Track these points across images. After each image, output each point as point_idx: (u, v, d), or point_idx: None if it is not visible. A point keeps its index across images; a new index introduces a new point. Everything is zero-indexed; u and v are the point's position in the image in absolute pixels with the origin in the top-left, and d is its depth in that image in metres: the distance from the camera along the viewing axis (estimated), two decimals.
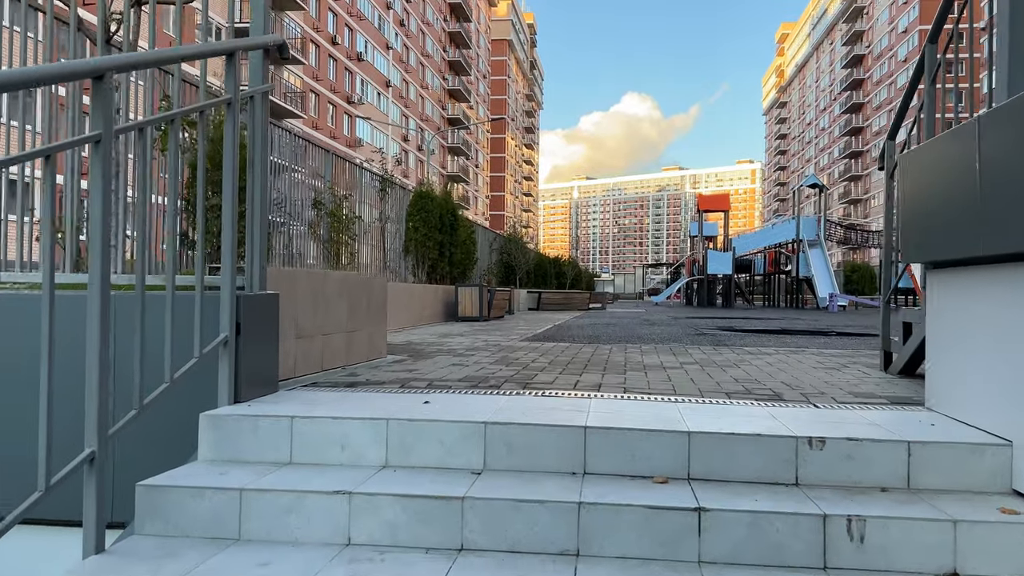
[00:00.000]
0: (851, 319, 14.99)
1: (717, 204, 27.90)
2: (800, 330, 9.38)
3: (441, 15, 74.17)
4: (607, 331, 8.66)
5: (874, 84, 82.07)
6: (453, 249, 13.30)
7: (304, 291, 3.91)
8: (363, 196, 12.53)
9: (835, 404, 3.16)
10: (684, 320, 12.61)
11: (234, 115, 2.96)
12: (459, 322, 11.14)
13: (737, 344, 6.53)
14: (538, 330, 8.80)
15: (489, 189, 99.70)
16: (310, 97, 45.42)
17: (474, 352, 5.47)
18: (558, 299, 19.50)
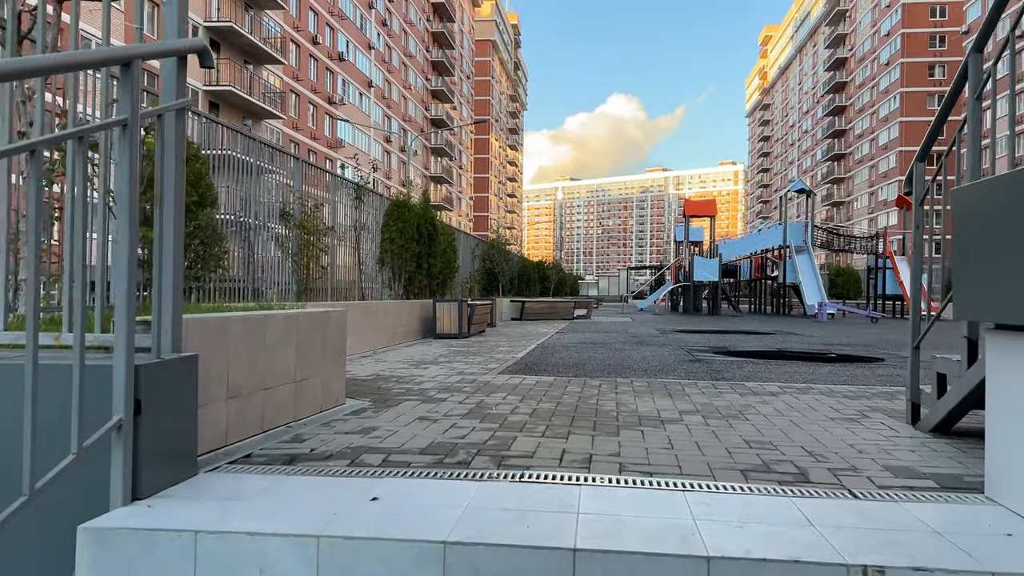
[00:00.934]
0: (844, 332, 14.54)
1: (703, 209, 27.45)
2: (798, 353, 8.86)
3: (424, 15, 73.42)
4: (593, 355, 8.08)
5: (857, 87, 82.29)
6: (432, 260, 12.68)
7: (239, 342, 3.29)
8: (336, 205, 11.89)
9: (875, 491, 2.60)
10: (672, 336, 12.07)
11: (131, 141, 2.35)
12: (437, 340, 10.53)
13: (736, 377, 5.98)
14: (519, 353, 8.21)
15: (473, 190, 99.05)
16: (290, 97, 44.60)
17: (446, 394, 4.87)
18: (542, 308, 18.93)
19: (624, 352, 8.41)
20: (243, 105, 37.43)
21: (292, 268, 10.38)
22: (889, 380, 5.96)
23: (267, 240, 9.65)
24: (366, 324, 8.44)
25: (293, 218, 10.10)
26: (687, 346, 9.54)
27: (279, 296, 8.67)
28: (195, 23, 34.05)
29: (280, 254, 10.20)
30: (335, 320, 4.34)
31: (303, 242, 10.26)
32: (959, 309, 2.76)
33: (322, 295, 11.50)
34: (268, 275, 9.27)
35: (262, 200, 8.93)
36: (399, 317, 9.84)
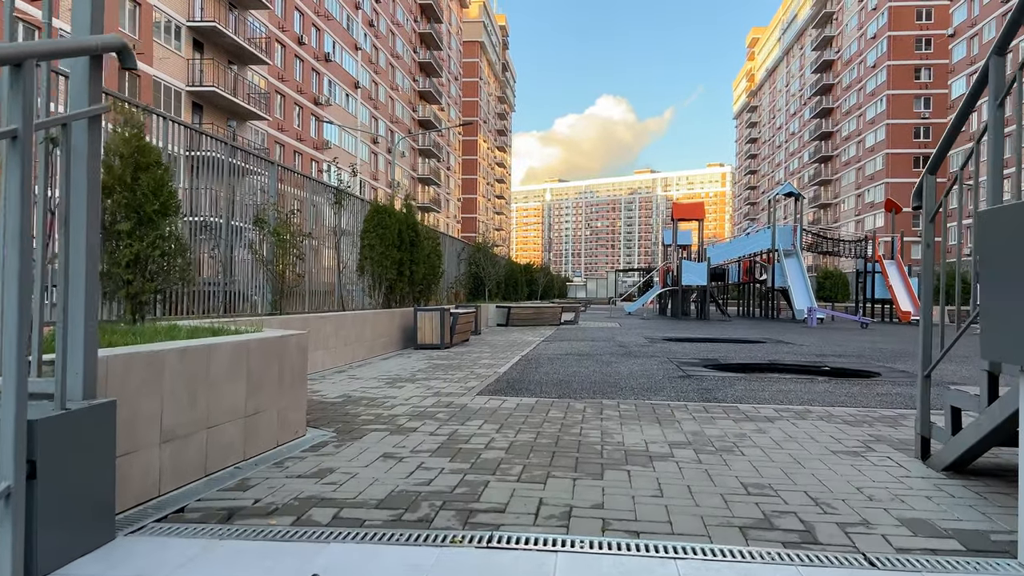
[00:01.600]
0: (835, 339, 14.27)
1: (691, 213, 27.18)
2: (791, 366, 8.55)
3: (411, 16, 72.98)
4: (579, 369, 7.74)
5: (844, 89, 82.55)
6: (414, 267, 12.31)
7: (176, 377, 2.92)
8: (315, 209, 11.50)
9: (894, 555, 2.27)
10: (660, 345, 11.75)
11: (22, 155, 1.97)
12: (418, 351, 10.16)
13: (729, 398, 5.65)
14: (502, 367, 7.86)
15: (461, 192, 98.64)
16: (275, 98, 44.06)
17: (418, 422, 4.51)
18: (528, 314, 18.58)
19: (611, 366, 8.08)
20: (227, 106, 36.89)
21: (267, 276, 10.00)
22: (889, 401, 5.65)
23: (241, 247, 9.26)
24: (341, 337, 8.06)
25: (267, 224, 9.72)
26: (676, 358, 9.22)
27: (250, 308, 8.27)
28: (177, 23, 33.54)
29: (254, 261, 9.80)
30: (294, 345, 3.97)
31: (278, 249, 9.88)
32: (987, 348, 2.43)
33: (299, 304, 11.11)
34: (242, 283, 8.88)
35: (235, 204, 8.55)
36: (378, 328, 9.47)
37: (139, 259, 6.26)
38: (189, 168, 8.77)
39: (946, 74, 64.58)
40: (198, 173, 7.28)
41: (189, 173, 8.96)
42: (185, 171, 7.74)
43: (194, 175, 7.29)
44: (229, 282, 8.85)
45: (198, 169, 7.29)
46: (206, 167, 7.36)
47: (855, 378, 7.71)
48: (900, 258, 25.84)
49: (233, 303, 8.72)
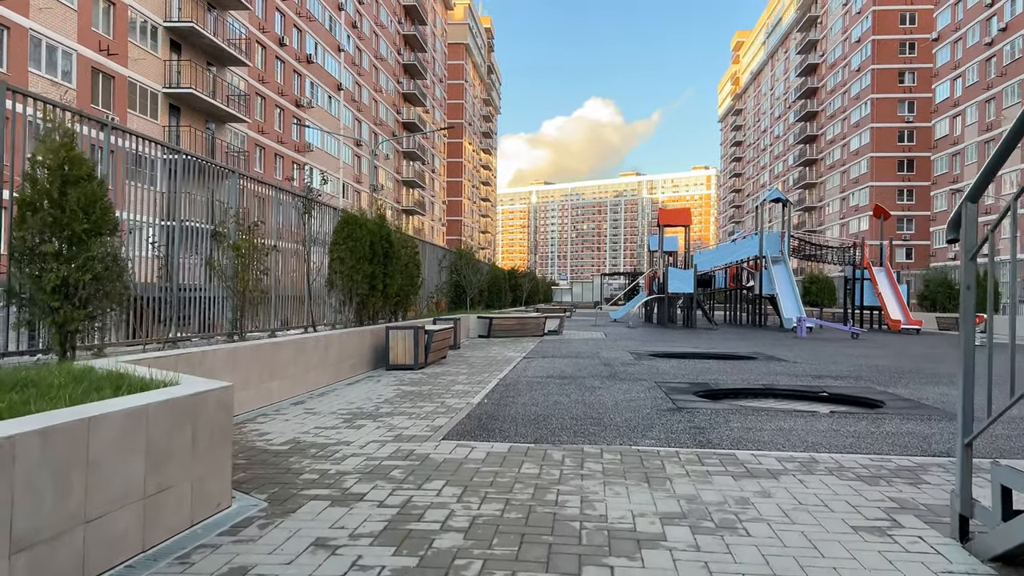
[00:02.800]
0: (827, 354, 13.77)
1: (678, 219, 26.68)
2: (787, 391, 8.00)
3: (395, 17, 72.26)
4: (560, 399, 7.14)
5: (828, 93, 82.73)
6: (388, 280, 11.68)
7: (34, 468, 2.29)
8: (282, 220, 10.84)
9: None
10: (647, 363, 11.17)
11: None
12: (390, 372, 9.52)
13: (725, 441, 5.07)
14: (476, 395, 7.24)
15: (446, 194, 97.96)
16: (255, 100, 43.24)
17: (367, 486, 3.89)
18: (510, 324, 17.97)
19: (595, 393, 7.48)
20: (206, 108, 36.09)
21: (226, 293, 9.34)
22: (901, 443, 5.09)
23: (194, 259, 8.60)
24: (302, 363, 7.42)
25: (226, 238, 9.07)
26: (664, 381, 8.64)
27: (207, 327, 7.59)
28: (154, 23, 32.72)
29: (212, 278, 9.15)
30: (214, 402, 3.33)
31: (238, 264, 9.23)
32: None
33: (264, 322, 10.44)
34: (197, 302, 8.22)
35: (190, 216, 7.88)
36: (345, 349, 8.82)
37: (67, 284, 5.60)
38: (168, 173, 8.12)
39: (930, 78, 64.67)
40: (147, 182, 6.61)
41: (168, 178, 8.33)
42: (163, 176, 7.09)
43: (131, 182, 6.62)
44: (178, 301, 8.19)
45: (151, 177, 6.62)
46: (165, 177, 6.71)
47: (857, 407, 7.16)
48: (889, 264, 25.46)
49: (199, 322, 8.05)
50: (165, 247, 7.59)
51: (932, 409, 6.58)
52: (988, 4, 52.78)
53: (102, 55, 29.16)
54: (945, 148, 59.62)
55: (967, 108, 55.94)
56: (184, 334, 8.20)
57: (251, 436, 5.12)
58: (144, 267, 7.18)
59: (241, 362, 6.14)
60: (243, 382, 6.15)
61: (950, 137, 58.84)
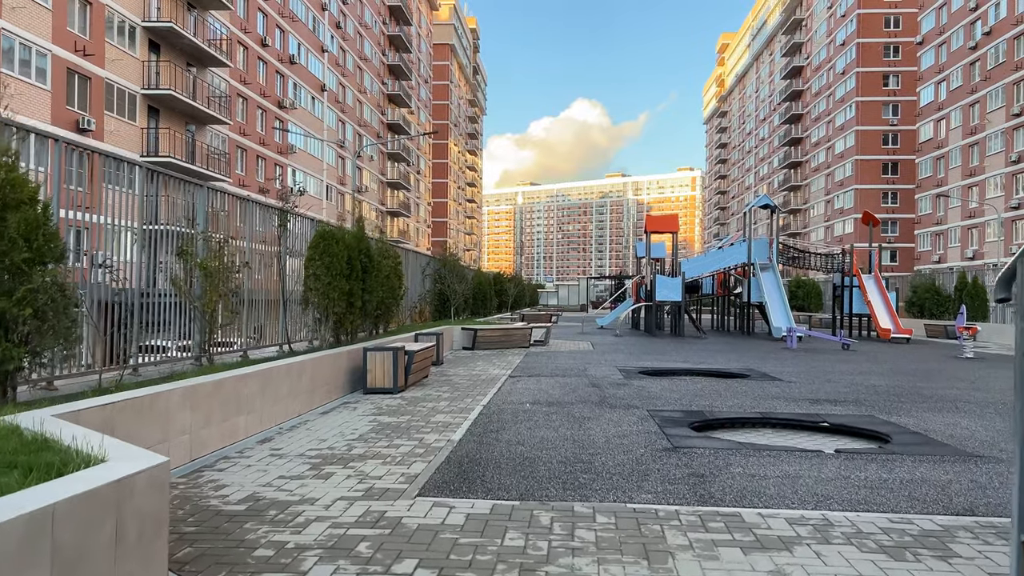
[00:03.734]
0: (821, 369, 13.41)
1: (665, 225, 26.30)
2: (786, 421, 7.58)
3: (380, 17, 71.61)
4: (548, 434, 6.68)
5: (813, 95, 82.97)
6: (367, 296, 11.19)
7: None
8: (257, 231, 10.33)
9: None
10: (637, 385, 10.74)
11: None
12: (367, 397, 9.03)
13: (728, 494, 4.63)
14: (457, 430, 6.77)
15: (431, 195, 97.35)
16: (237, 101, 42.52)
17: (328, 568, 3.41)
18: (496, 336, 17.50)
19: (584, 426, 7.04)
20: (186, 110, 35.37)
21: (194, 315, 8.83)
22: (920, 497, 4.67)
23: (162, 283, 8.10)
24: (270, 394, 6.92)
25: (191, 257, 8.56)
26: (656, 408, 8.20)
27: (173, 350, 7.05)
28: (131, 23, 31.99)
29: (178, 299, 8.64)
30: (145, 485, 2.84)
31: (206, 284, 8.72)
32: None
33: (235, 340, 9.92)
34: (163, 325, 7.71)
35: (160, 234, 7.36)
36: (320, 374, 8.32)
37: (3, 319, 5.09)
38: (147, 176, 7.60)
39: (914, 81, 64.92)
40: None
41: (148, 182, 7.81)
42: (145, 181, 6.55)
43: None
44: (152, 325, 7.67)
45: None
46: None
47: (862, 440, 6.76)
48: (878, 271, 25.22)
49: (147, 353, 7.52)
50: (137, 256, 7.07)
51: (942, 446, 6.19)
52: (972, 8, 52.95)
53: (78, 55, 28.43)
54: (929, 151, 59.81)
55: (951, 112, 56.12)
56: (149, 357, 7.68)
57: (206, 490, 4.63)
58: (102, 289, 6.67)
59: (201, 400, 5.64)
60: (204, 421, 5.65)
61: (934, 140, 59.04)
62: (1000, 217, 45.64)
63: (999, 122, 49.27)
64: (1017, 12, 47.34)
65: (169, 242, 8.16)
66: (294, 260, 11.49)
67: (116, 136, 30.59)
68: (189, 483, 4.80)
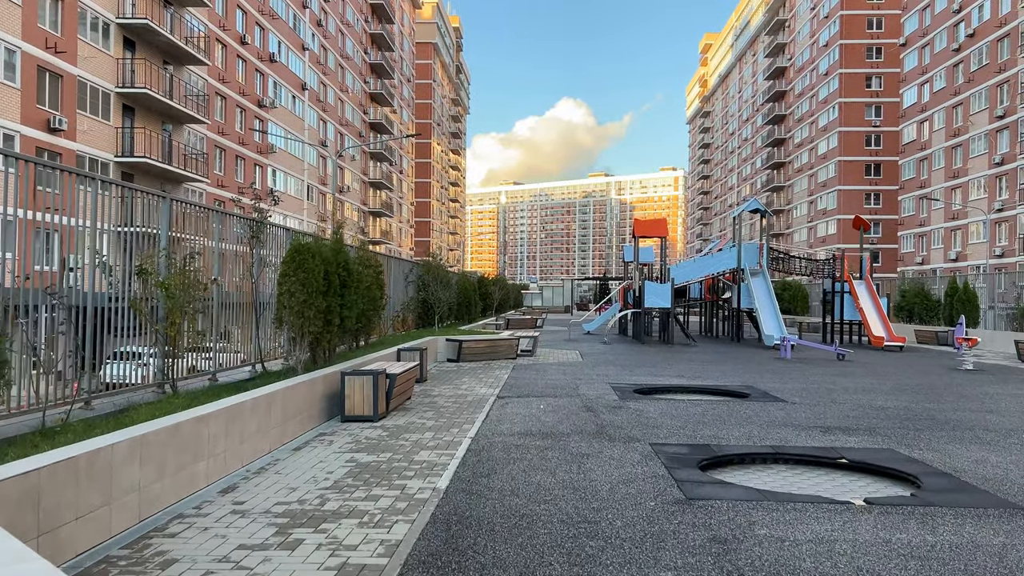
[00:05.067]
0: (823, 386, 12.88)
1: (653, 230, 25.76)
2: (800, 457, 6.99)
3: (362, 16, 70.66)
4: (544, 480, 6.03)
5: (796, 96, 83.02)
6: (346, 312, 10.50)
7: None
8: (227, 248, 9.60)
9: None
10: (634, 408, 10.12)
11: None
12: (344, 426, 8.34)
13: (759, 562, 4.02)
14: (443, 473, 6.11)
15: (414, 195, 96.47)
16: (215, 100, 41.53)
17: None
18: (482, 348, 16.85)
19: (584, 466, 6.40)
20: (162, 109, 34.41)
21: (155, 340, 8.11)
22: (976, 567, 4.08)
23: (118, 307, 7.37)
24: (236, 432, 6.22)
25: (151, 276, 7.84)
26: (659, 442, 7.58)
27: (132, 379, 6.31)
28: (105, 20, 30.99)
29: (137, 321, 7.92)
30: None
31: (169, 305, 8.00)
32: None
33: (201, 362, 9.20)
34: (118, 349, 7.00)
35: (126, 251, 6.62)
36: (292, 405, 7.62)
37: None
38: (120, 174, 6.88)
39: (897, 83, 64.98)
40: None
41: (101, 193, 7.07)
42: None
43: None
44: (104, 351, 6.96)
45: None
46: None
47: (887, 481, 6.19)
48: (870, 277, 24.82)
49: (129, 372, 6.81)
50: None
51: (979, 493, 5.62)
52: (955, 10, 52.98)
53: (49, 52, 27.43)
54: (913, 153, 59.85)
55: (935, 113, 56.17)
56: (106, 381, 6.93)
57: (150, 569, 3.94)
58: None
59: (153, 451, 4.94)
60: (156, 474, 4.96)
61: (918, 142, 59.08)
62: (987, 218, 45.62)
63: (982, 124, 49.32)
64: (1001, 14, 47.36)
65: (129, 259, 7.45)
66: (270, 271, 10.78)
67: (89, 136, 29.62)
68: (132, 558, 4.11)
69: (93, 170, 29.83)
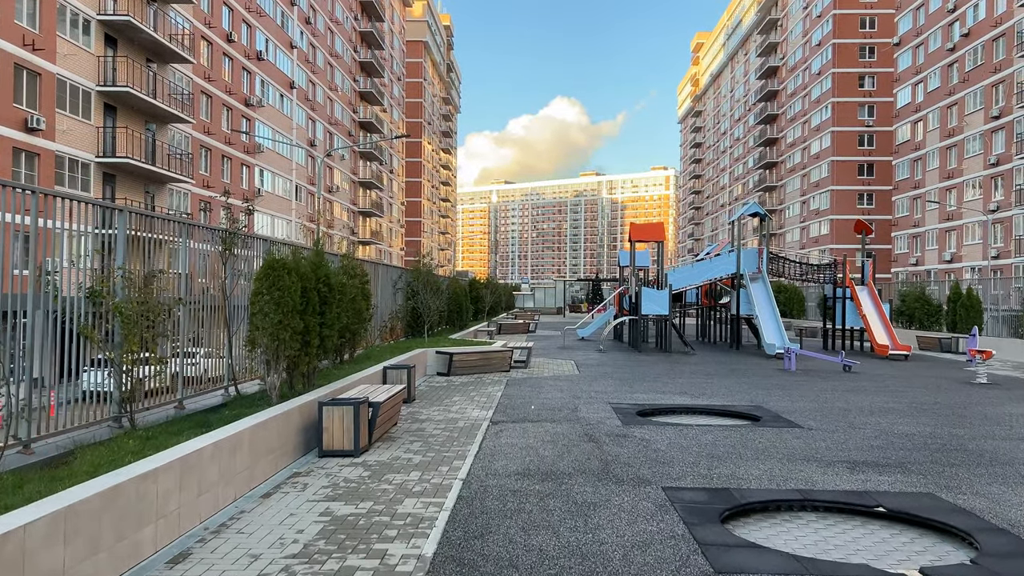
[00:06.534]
0: (835, 404, 12.16)
1: (650, 234, 25.01)
2: (830, 504, 6.23)
3: (351, 13, 69.70)
4: (547, 540, 5.24)
5: (788, 96, 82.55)
6: (327, 331, 9.70)
7: None
8: (196, 262, 8.78)
9: None
10: (639, 436, 9.35)
11: None
12: (321, 464, 7.53)
13: None
14: (430, 535, 5.33)
15: (405, 195, 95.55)
16: (201, 99, 40.56)
17: None
18: (474, 360, 16.06)
19: (590, 522, 5.63)
20: (145, 108, 33.43)
21: (112, 368, 7.30)
22: None
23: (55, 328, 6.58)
24: (192, 485, 5.40)
25: (104, 298, 7.02)
26: (674, 488, 6.83)
27: (84, 416, 5.45)
28: (86, 16, 30.00)
29: (88, 349, 7.12)
30: None
31: (125, 331, 7.18)
32: None
33: (165, 393, 8.39)
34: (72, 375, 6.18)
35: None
36: (261, 444, 6.81)
37: None
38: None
39: (891, 83, 64.53)
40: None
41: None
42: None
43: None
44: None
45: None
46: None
47: (936, 537, 5.44)
48: (872, 283, 24.16)
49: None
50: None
51: None
52: (950, 9, 52.51)
53: (26, 50, 26.43)
54: (907, 153, 59.40)
55: (929, 113, 55.71)
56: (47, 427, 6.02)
57: None
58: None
59: (83, 522, 4.13)
60: (88, 550, 4.15)
61: (912, 142, 58.62)
62: (988, 219, 45.14)
63: (978, 124, 48.86)
64: (996, 14, 46.90)
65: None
66: (244, 280, 9.98)
67: (69, 136, 28.64)
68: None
69: (74, 171, 28.88)
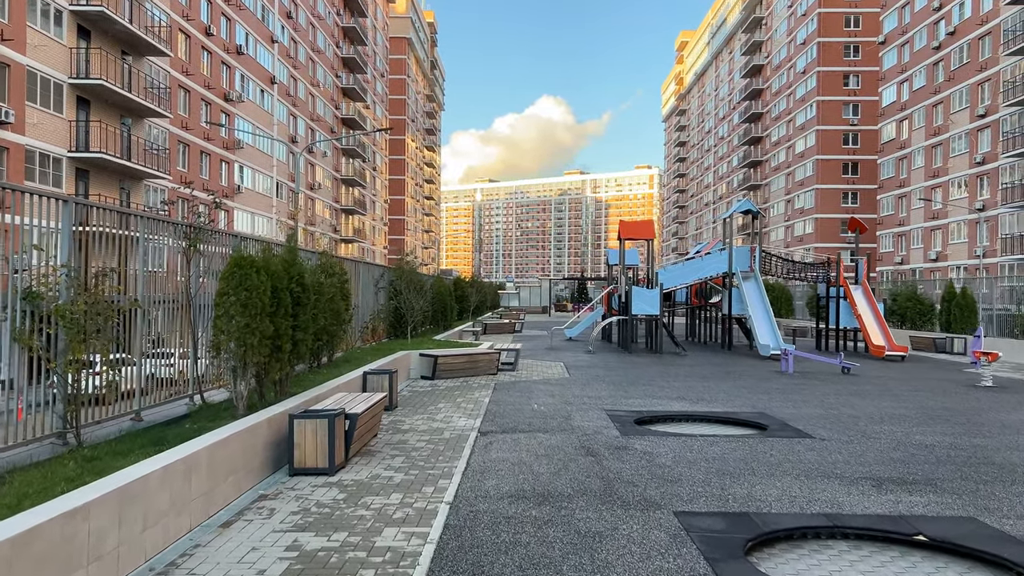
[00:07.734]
0: (842, 411, 11.54)
1: (639, 232, 24.37)
2: (863, 532, 5.56)
3: (334, 8, 68.62)
4: None
5: (773, 94, 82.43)
6: (300, 334, 8.92)
7: None
8: (155, 258, 7.98)
9: None
10: (642, 453, 8.67)
11: None
12: (291, 484, 6.76)
13: None
14: (415, 569, 4.61)
15: (388, 193, 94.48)
16: (179, 93, 39.47)
17: None
18: (459, 363, 15.31)
19: (596, 557, 4.91)
20: (119, 102, 32.34)
21: (56, 376, 6.51)
22: None
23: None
24: (137, 518, 4.63)
25: (42, 299, 6.22)
26: (687, 512, 6.14)
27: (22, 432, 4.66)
28: (57, 6, 28.90)
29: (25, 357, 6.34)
30: None
31: (69, 336, 6.38)
32: None
33: (123, 400, 7.59)
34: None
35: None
36: (223, 465, 6.03)
37: None
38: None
39: (876, 81, 64.45)
40: None
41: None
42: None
43: None
44: None
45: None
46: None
47: (989, 572, 4.79)
48: (867, 283, 23.67)
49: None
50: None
51: None
52: (936, 8, 52.37)
53: None
54: (892, 152, 59.29)
55: (914, 112, 55.58)
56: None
57: None
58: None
59: None
60: None
61: (897, 141, 58.51)
62: (980, 217, 44.96)
63: (963, 123, 48.74)
64: (982, 12, 46.76)
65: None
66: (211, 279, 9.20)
67: (40, 129, 27.56)
68: None
69: (45, 166, 27.80)
